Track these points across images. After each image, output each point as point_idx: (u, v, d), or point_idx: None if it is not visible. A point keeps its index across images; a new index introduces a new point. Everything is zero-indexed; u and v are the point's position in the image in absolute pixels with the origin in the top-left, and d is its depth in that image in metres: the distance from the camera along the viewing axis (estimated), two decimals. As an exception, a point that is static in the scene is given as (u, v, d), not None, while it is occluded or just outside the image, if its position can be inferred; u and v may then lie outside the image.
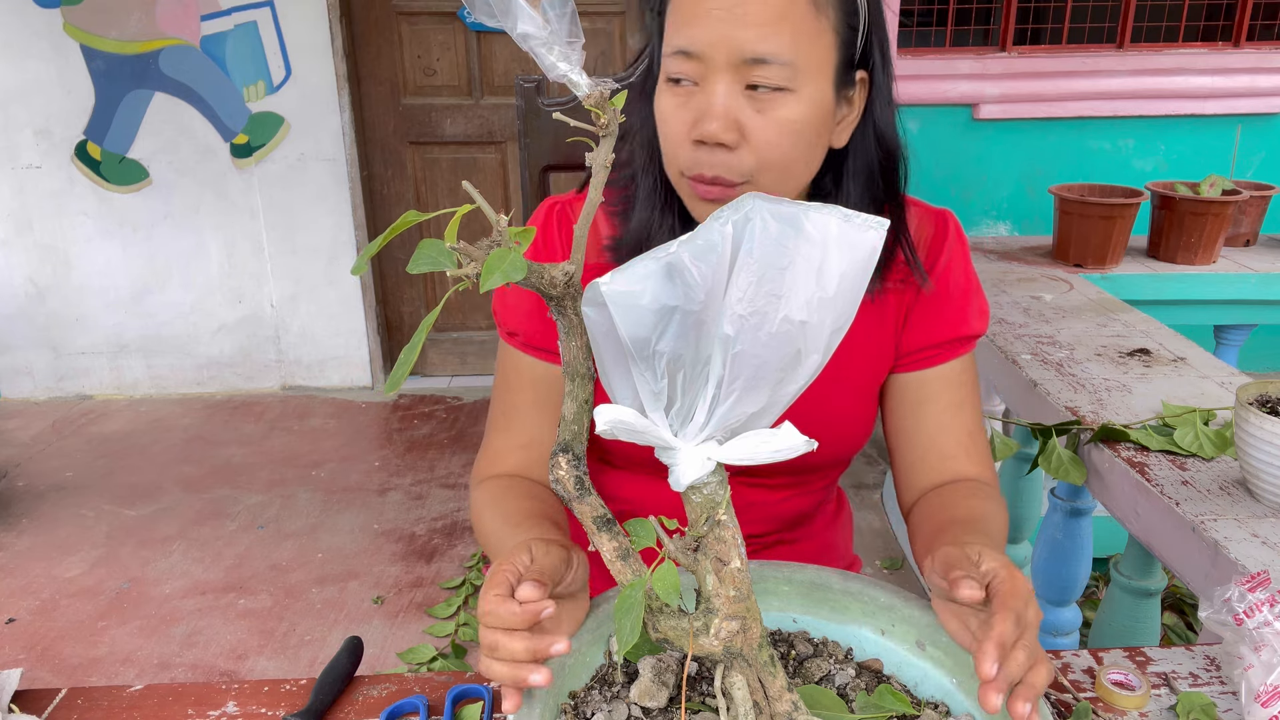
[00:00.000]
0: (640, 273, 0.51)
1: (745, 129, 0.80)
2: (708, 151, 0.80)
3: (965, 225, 3.83)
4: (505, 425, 1.00)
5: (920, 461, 0.98)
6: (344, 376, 3.73)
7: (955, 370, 0.97)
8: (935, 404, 0.97)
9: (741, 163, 0.81)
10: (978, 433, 0.98)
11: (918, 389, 0.98)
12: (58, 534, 2.71)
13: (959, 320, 0.97)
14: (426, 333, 0.54)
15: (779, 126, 0.80)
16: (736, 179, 0.81)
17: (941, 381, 0.97)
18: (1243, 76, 3.44)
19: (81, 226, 3.48)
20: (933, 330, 0.96)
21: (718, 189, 0.82)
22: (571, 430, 0.62)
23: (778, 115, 0.80)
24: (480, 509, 0.94)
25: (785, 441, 0.57)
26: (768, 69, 0.78)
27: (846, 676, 0.73)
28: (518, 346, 0.98)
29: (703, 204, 0.85)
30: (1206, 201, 2.10)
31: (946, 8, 3.48)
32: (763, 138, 0.80)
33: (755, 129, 0.80)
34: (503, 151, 3.58)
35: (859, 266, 0.54)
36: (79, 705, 0.82)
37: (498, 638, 0.63)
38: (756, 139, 0.80)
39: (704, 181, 0.82)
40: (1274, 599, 0.75)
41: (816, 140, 0.84)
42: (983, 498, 0.91)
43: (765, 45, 0.77)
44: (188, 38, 3.29)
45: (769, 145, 0.80)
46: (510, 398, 1.00)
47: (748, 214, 0.51)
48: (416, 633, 2.27)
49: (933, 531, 0.86)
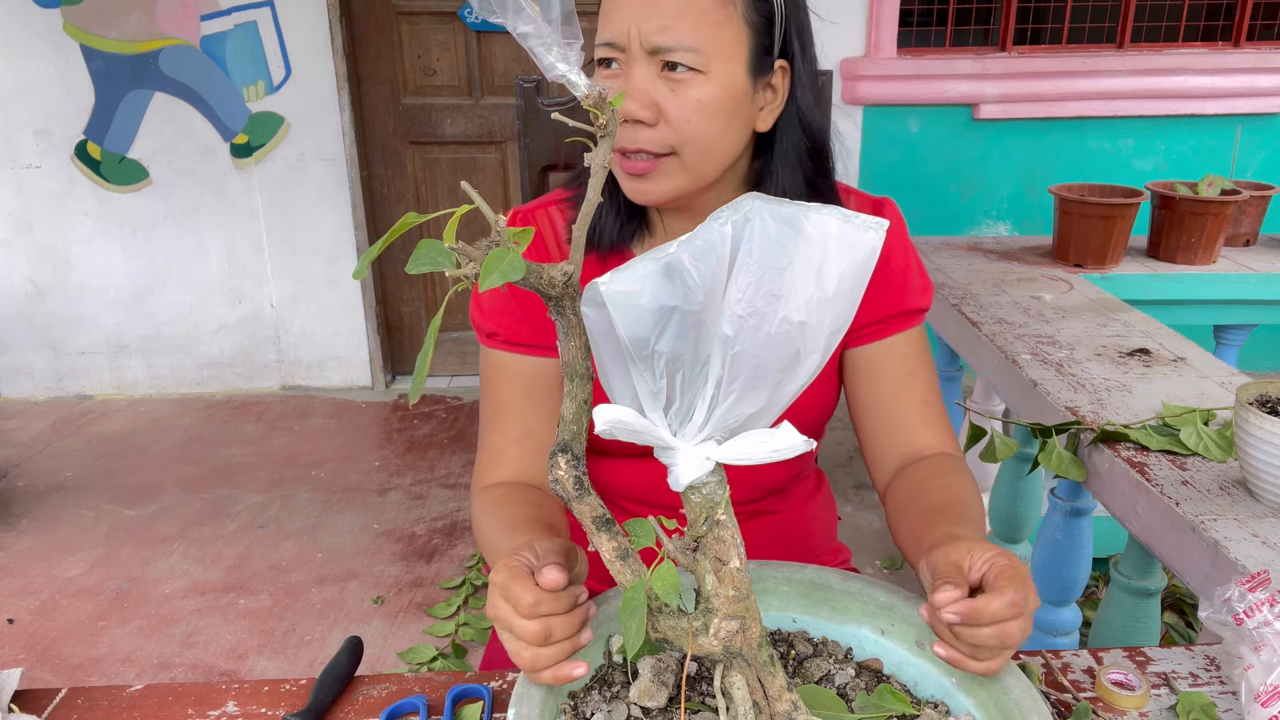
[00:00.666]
0: (639, 273, 0.51)
1: (662, 108, 0.88)
2: (630, 129, 0.89)
3: (965, 225, 3.83)
4: (498, 423, 1.02)
5: (883, 433, 1.03)
6: (344, 376, 3.73)
7: (902, 343, 1.03)
8: (888, 375, 1.02)
9: (661, 138, 0.89)
10: (933, 401, 1.03)
11: (870, 363, 1.03)
12: (58, 534, 2.71)
13: (900, 295, 1.03)
14: (435, 337, 0.54)
15: (692, 105, 0.88)
16: (658, 150, 0.89)
17: (890, 354, 1.03)
18: (1243, 76, 3.44)
19: (81, 226, 3.48)
20: (877, 306, 1.02)
21: (641, 164, 0.90)
22: (570, 430, 0.62)
23: (689, 94, 0.88)
24: (479, 516, 0.95)
25: (784, 441, 0.57)
26: (675, 55, 0.86)
27: (846, 676, 0.73)
28: (498, 346, 1.01)
29: (629, 180, 0.93)
30: (1206, 201, 2.10)
31: (946, 8, 3.48)
32: (678, 114, 0.88)
33: (670, 107, 0.88)
34: (502, 151, 3.58)
35: (858, 267, 0.55)
36: (79, 705, 0.82)
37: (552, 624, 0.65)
38: (672, 115, 0.88)
39: (627, 154, 0.90)
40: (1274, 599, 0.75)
41: (731, 120, 0.91)
42: (952, 474, 0.94)
43: (668, 36, 0.86)
44: (188, 38, 3.29)
45: (684, 121, 0.88)
46: (499, 396, 1.02)
47: (747, 214, 0.51)
48: (416, 633, 2.27)
49: (913, 522, 0.88)
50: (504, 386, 1.01)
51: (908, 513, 0.92)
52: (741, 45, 0.89)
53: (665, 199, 0.93)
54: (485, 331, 1.01)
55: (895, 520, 0.95)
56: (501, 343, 1.00)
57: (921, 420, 1.02)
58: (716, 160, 0.92)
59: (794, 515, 1.15)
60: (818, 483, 1.21)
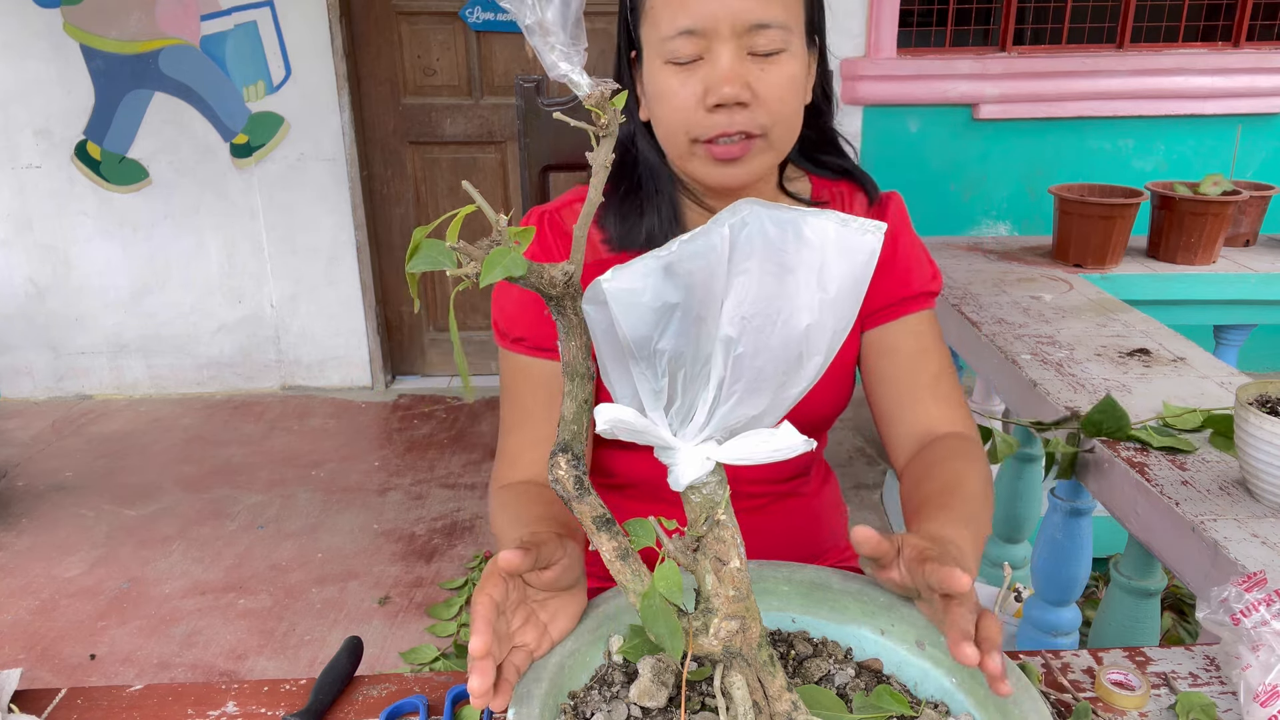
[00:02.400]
0: (641, 271, 0.52)
1: (755, 88, 0.88)
2: (726, 113, 0.88)
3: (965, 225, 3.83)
4: (520, 425, 1.02)
5: (896, 413, 1.03)
6: (344, 376, 3.73)
7: (914, 323, 1.05)
8: (900, 352, 1.04)
9: (758, 118, 0.89)
10: (945, 376, 1.04)
11: (882, 341, 1.05)
12: (58, 534, 2.71)
13: (908, 279, 1.05)
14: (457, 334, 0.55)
15: (784, 83, 0.89)
16: (757, 131, 0.90)
17: (902, 332, 1.04)
18: (1243, 76, 3.44)
19: (81, 226, 3.48)
20: (887, 290, 1.04)
21: (735, 148, 0.90)
22: (571, 430, 0.62)
23: (781, 72, 0.89)
24: (495, 513, 0.96)
25: (784, 441, 0.57)
26: (768, 33, 0.87)
27: (846, 676, 0.74)
28: (524, 351, 1.01)
29: (718, 167, 0.92)
30: (1206, 201, 2.10)
31: (946, 8, 3.48)
32: (772, 94, 0.88)
33: (763, 87, 0.88)
34: (503, 151, 3.58)
35: (858, 269, 0.55)
36: (79, 705, 0.82)
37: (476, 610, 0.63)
38: (766, 95, 0.88)
39: (726, 137, 0.89)
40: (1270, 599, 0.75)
41: (805, 95, 0.94)
42: (959, 457, 0.94)
43: (764, 12, 0.86)
44: (188, 38, 3.29)
45: (778, 100, 0.89)
46: (522, 400, 1.02)
47: (745, 219, 0.51)
48: (416, 633, 2.27)
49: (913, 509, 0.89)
50: (528, 392, 1.01)
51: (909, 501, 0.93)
52: (802, 18, 0.91)
53: (752, 180, 0.94)
54: (510, 336, 1.01)
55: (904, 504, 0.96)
56: (526, 347, 1.00)
57: (932, 397, 1.02)
58: (794, 137, 0.94)
59: (809, 501, 1.16)
60: (826, 475, 1.23)
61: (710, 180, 0.94)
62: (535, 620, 0.70)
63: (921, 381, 1.03)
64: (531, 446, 1.00)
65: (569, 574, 0.72)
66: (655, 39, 0.90)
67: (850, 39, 3.38)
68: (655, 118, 0.95)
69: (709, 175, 0.94)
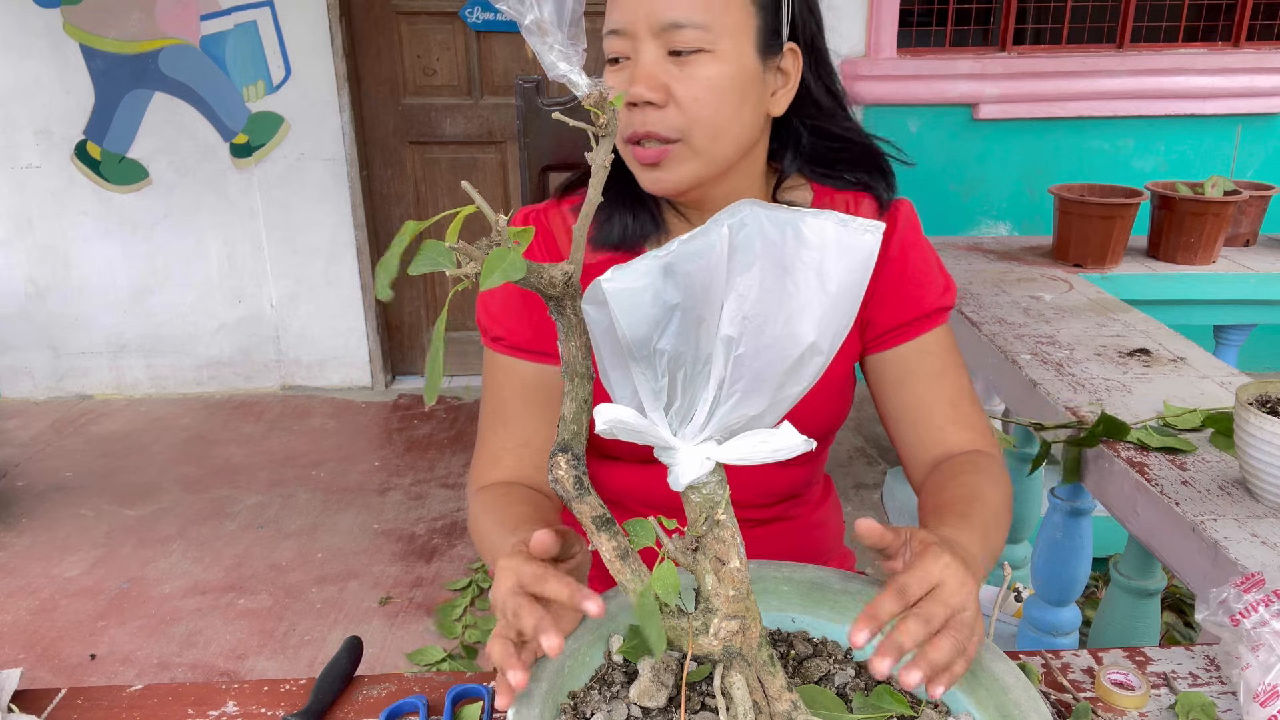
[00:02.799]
0: (640, 270, 0.52)
1: (671, 89, 0.87)
2: (640, 112, 0.88)
3: (965, 225, 3.83)
4: (499, 426, 1.01)
5: (915, 438, 1.00)
6: (344, 376, 3.73)
7: (929, 343, 1.01)
8: (916, 376, 1.00)
9: (671, 119, 0.88)
10: (963, 399, 1.00)
11: (897, 365, 1.01)
12: (58, 534, 2.71)
13: (922, 296, 1.01)
14: (442, 339, 0.54)
15: (701, 84, 0.87)
16: (668, 134, 0.88)
17: (918, 354, 1.00)
18: (1243, 76, 3.44)
19: (81, 226, 3.48)
20: (900, 309, 1.01)
21: (654, 151, 0.89)
22: (571, 430, 0.62)
23: (698, 74, 0.87)
24: (477, 515, 0.95)
25: (784, 441, 0.57)
26: (684, 32, 0.86)
27: (846, 676, 0.74)
28: (504, 350, 1.00)
29: (643, 170, 0.92)
30: (1206, 201, 2.10)
31: (946, 8, 3.48)
32: (688, 94, 0.87)
33: (679, 88, 0.87)
34: (502, 151, 3.58)
35: (857, 269, 0.55)
36: (79, 705, 0.82)
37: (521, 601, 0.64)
38: (682, 96, 0.87)
39: (637, 141, 0.89)
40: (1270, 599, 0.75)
41: (742, 102, 0.90)
42: (978, 471, 0.92)
43: (676, 11, 0.85)
44: (187, 37, 3.29)
45: (694, 101, 0.87)
46: (501, 399, 1.01)
47: (743, 219, 0.51)
48: (417, 633, 2.27)
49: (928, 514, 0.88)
50: (507, 390, 1.01)
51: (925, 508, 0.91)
52: (749, 24, 0.88)
53: (681, 187, 0.92)
54: (490, 335, 1.01)
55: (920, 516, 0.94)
56: (506, 347, 1.00)
57: (951, 422, 0.99)
58: (728, 143, 0.91)
59: (807, 520, 1.14)
60: (826, 488, 1.21)
61: (642, 184, 0.93)
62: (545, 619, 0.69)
63: (939, 410, 0.99)
64: (512, 448, 1.00)
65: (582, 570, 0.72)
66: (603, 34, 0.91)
67: (850, 39, 3.38)
68: None
69: (641, 179, 0.93)
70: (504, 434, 1.00)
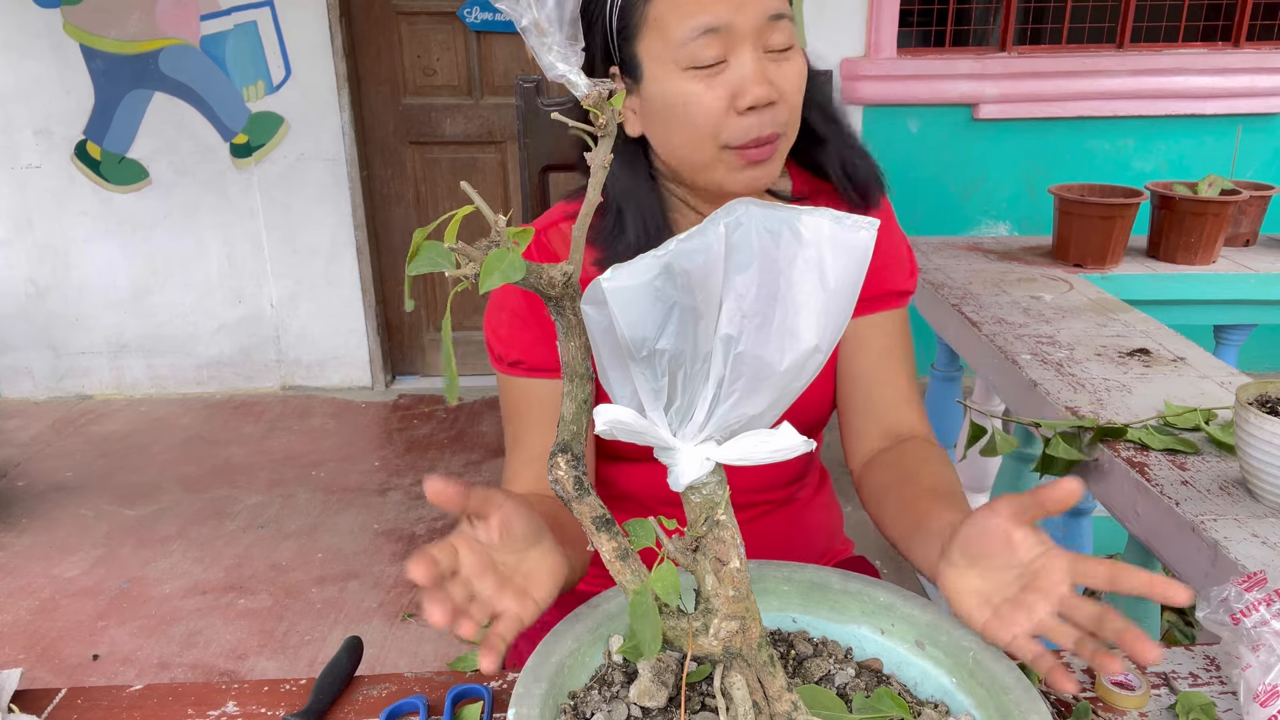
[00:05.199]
0: (640, 270, 0.52)
1: (776, 85, 0.87)
2: (757, 115, 0.86)
3: (965, 225, 3.83)
4: (520, 444, 1.01)
5: (866, 407, 1.04)
6: (344, 376, 3.73)
7: (889, 321, 1.05)
8: (872, 350, 1.04)
9: (780, 116, 0.88)
10: (912, 380, 1.06)
11: (855, 337, 1.04)
12: (58, 534, 2.71)
13: (886, 275, 1.04)
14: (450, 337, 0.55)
15: (797, 76, 0.88)
16: (781, 130, 0.89)
17: (875, 330, 1.04)
18: (1243, 76, 3.44)
19: (81, 226, 3.48)
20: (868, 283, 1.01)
21: (767, 148, 0.88)
22: (570, 430, 0.62)
23: (794, 67, 0.88)
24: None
25: (784, 441, 0.57)
26: (782, 25, 0.85)
27: (846, 676, 0.74)
28: (522, 374, 0.99)
29: (747, 170, 0.90)
30: (1206, 201, 2.10)
31: (946, 8, 3.48)
32: (790, 88, 0.88)
33: (782, 82, 0.87)
34: (502, 151, 3.58)
35: (854, 266, 0.55)
36: (79, 705, 0.82)
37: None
38: (785, 89, 0.87)
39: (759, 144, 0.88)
40: (1270, 598, 0.75)
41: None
42: (939, 463, 0.96)
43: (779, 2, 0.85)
44: (187, 38, 3.29)
45: (795, 93, 0.88)
46: (521, 420, 1.01)
47: (739, 218, 0.51)
48: (417, 633, 2.27)
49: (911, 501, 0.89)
50: (528, 411, 1.00)
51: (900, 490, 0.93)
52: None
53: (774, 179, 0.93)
54: (507, 361, 1.00)
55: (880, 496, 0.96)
56: (525, 370, 0.99)
57: (904, 399, 1.04)
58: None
59: (807, 505, 1.16)
60: (822, 477, 1.23)
61: (736, 186, 0.91)
62: (511, 585, 0.70)
63: (894, 384, 1.04)
64: (530, 463, 1.00)
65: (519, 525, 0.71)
66: (665, 48, 0.86)
67: (850, 39, 3.37)
68: (668, 130, 0.90)
69: (736, 181, 0.90)
70: (525, 449, 1.01)
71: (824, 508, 1.20)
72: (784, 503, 1.13)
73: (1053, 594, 0.67)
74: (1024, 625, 0.67)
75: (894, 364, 1.04)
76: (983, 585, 0.71)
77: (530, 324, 0.97)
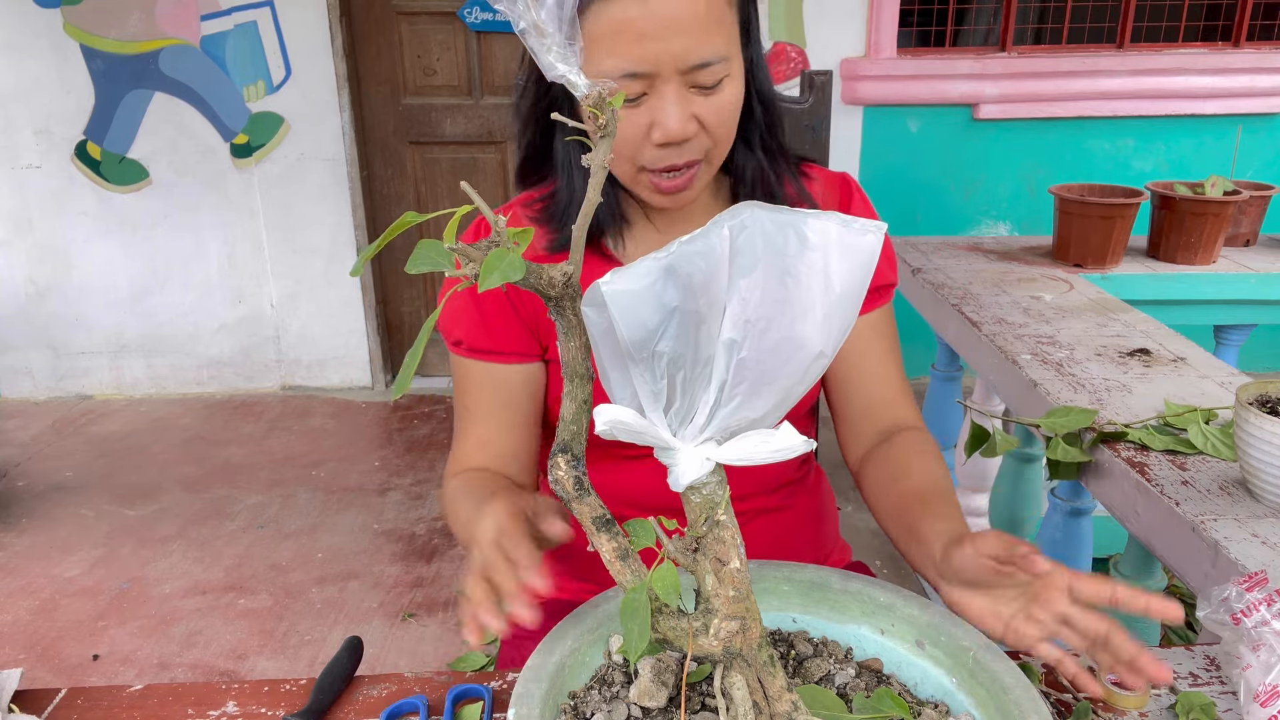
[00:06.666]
0: (640, 272, 0.52)
1: (700, 119, 0.87)
2: (674, 148, 0.87)
3: (965, 225, 3.83)
4: (464, 428, 1.05)
5: (863, 407, 1.06)
6: (344, 376, 3.73)
7: (879, 320, 1.06)
8: (870, 353, 1.06)
9: (699, 144, 0.88)
10: (903, 376, 1.09)
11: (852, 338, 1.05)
12: (58, 534, 2.71)
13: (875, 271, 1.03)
14: (427, 336, 0.54)
15: (725, 108, 0.88)
16: (695, 157, 0.89)
17: (872, 331, 1.05)
18: (1243, 76, 3.44)
19: (81, 226, 3.48)
20: None
21: (681, 180, 0.90)
22: (570, 430, 0.62)
23: (723, 100, 0.87)
24: (452, 499, 0.98)
25: (784, 442, 0.57)
26: (711, 69, 0.84)
27: (846, 676, 0.74)
28: (463, 354, 1.03)
29: (662, 196, 0.92)
30: (1206, 201, 2.10)
31: (946, 8, 3.48)
32: (715, 120, 0.87)
33: (707, 117, 0.87)
34: (503, 151, 3.58)
35: (860, 269, 0.55)
36: (79, 705, 0.82)
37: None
38: (709, 123, 0.87)
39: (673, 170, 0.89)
40: (1271, 598, 0.75)
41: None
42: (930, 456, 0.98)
43: (705, 50, 0.83)
44: (188, 38, 3.29)
45: (720, 125, 0.88)
46: (465, 401, 1.05)
47: (744, 221, 0.51)
48: (417, 633, 2.27)
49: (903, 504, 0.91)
50: (470, 393, 1.04)
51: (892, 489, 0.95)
52: (737, 33, 0.88)
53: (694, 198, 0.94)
54: (452, 339, 1.03)
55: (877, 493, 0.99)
56: (466, 350, 1.02)
57: (900, 395, 1.06)
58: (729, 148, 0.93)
59: (804, 509, 1.16)
60: (818, 479, 1.23)
61: (656, 204, 0.94)
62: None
63: (890, 383, 1.06)
64: (476, 449, 1.03)
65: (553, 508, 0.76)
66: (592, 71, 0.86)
67: (850, 39, 3.37)
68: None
69: (655, 200, 0.93)
70: (470, 434, 1.04)
71: (819, 512, 1.19)
72: (777, 509, 1.13)
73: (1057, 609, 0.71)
74: (1037, 636, 0.72)
75: (885, 360, 1.06)
76: (989, 603, 0.75)
77: (477, 305, 1.01)
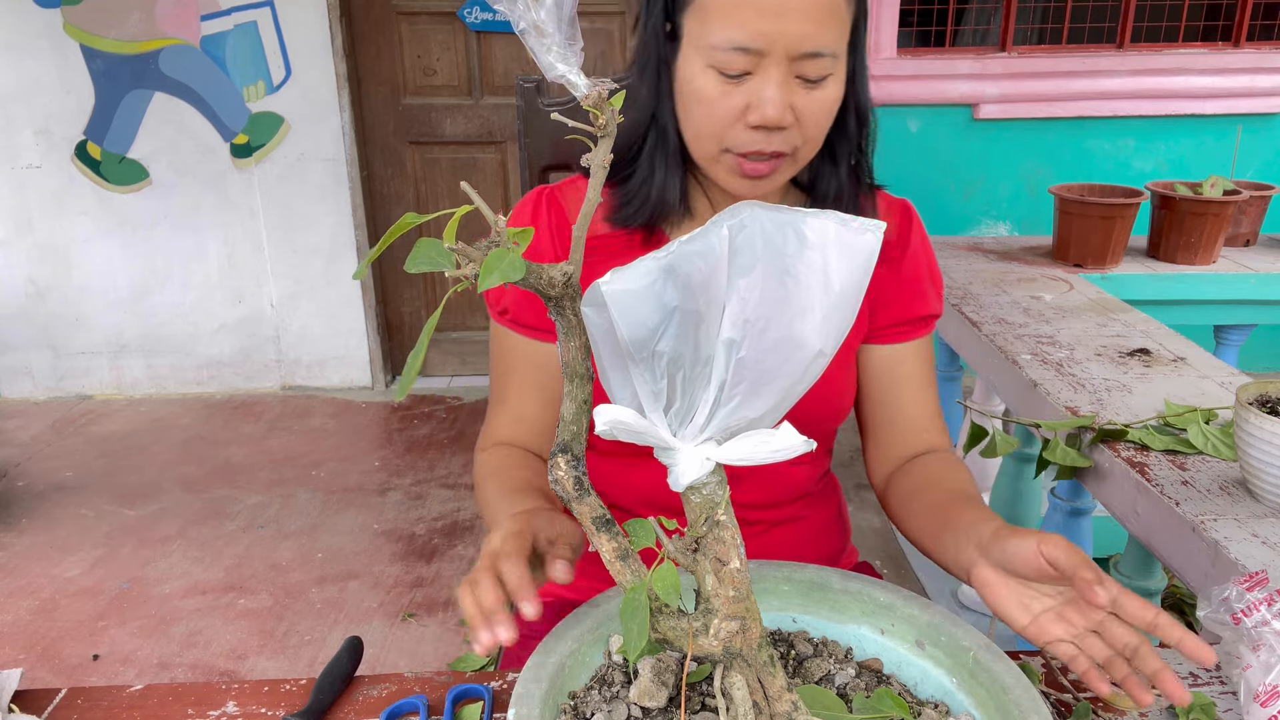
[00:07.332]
0: (640, 272, 0.51)
1: (796, 111, 0.86)
2: (765, 134, 0.86)
3: (965, 225, 3.84)
4: (500, 400, 1.05)
5: (896, 432, 1.07)
6: (344, 376, 3.73)
7: (922, 347, 1.07)
8: (911, 382, 1.06)
9: (790, 137, 0.88)
10: (937, 403, 1.10)
11: (895, 364, 1.06)
12: (58, 534, 2.71)
13: (925, 299, 1.06)
14: (429, 337, 0.54)
15: (824, 107, 0.88)
16: (784, 149, 0.88)
17: (915, 359, 1.06)
18: (1243, 76, 3.44)
19: (81, 226, 3.48)
20: (905, 307, 1.05)
21: (765, 165, 0.89)
22: (570, 430, 0.62)
23: (824, 96, 0.87)
24: (481, 479, 0.99)
25: (784, 442, 0.57)
26: (819, 61, 0.84)
27: (846, 676, 0.73)
28: (506, 324, 1.02)
29: (743, 180, 0.91)
30: (1206, 201, 2.10)
31: (946, 8, 3.48)
32: (811, 118, 0.87)
33: (804, 110, 0.87)
34: (503, 151, 3.58)
35: (859, 269, 0.55)
36: (79, 705, 0.82)
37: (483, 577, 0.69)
38: (805, 118, 0.87)
39: (761, 158, 0.88)
40: (1271, 598, 0.75)
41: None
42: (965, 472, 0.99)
43: (819, 40, 0.83)
44: (188, 38, 3.29)
45: (815, 124, 0.88)
46: (502, 374, 1.05)
47: (743, 221, 0.51)
48: (417, 633, 2.27)
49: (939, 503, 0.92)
50: (509, 367, 1.03)
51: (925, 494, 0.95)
52: (848, 31, 0.88)
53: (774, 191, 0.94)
54: (496, 307, 1.02)
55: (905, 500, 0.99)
56: (510, 321, 1.02)
57: (934, 424, 1.07)
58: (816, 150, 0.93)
59: (821, 518, 1.16)
60: (832, 485, 1.22)
61: (732, 188, 0.93)
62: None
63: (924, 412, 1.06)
64: (509, 424, 1.03)
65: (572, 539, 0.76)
66: (701, 40, 0.86)
67: (850, 39, 3.37)
68: (685, 111, 0.91)
69: (732, 184, 0.92)
70: (505, 408, 1.04)
71: (835, 520, 1.18)
72: (794, 519, 1.12)
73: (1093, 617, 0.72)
74: (1061, 635, 0.73)
75: (927, 393, 1.07)
76: (1023, 592, 0.76)
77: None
